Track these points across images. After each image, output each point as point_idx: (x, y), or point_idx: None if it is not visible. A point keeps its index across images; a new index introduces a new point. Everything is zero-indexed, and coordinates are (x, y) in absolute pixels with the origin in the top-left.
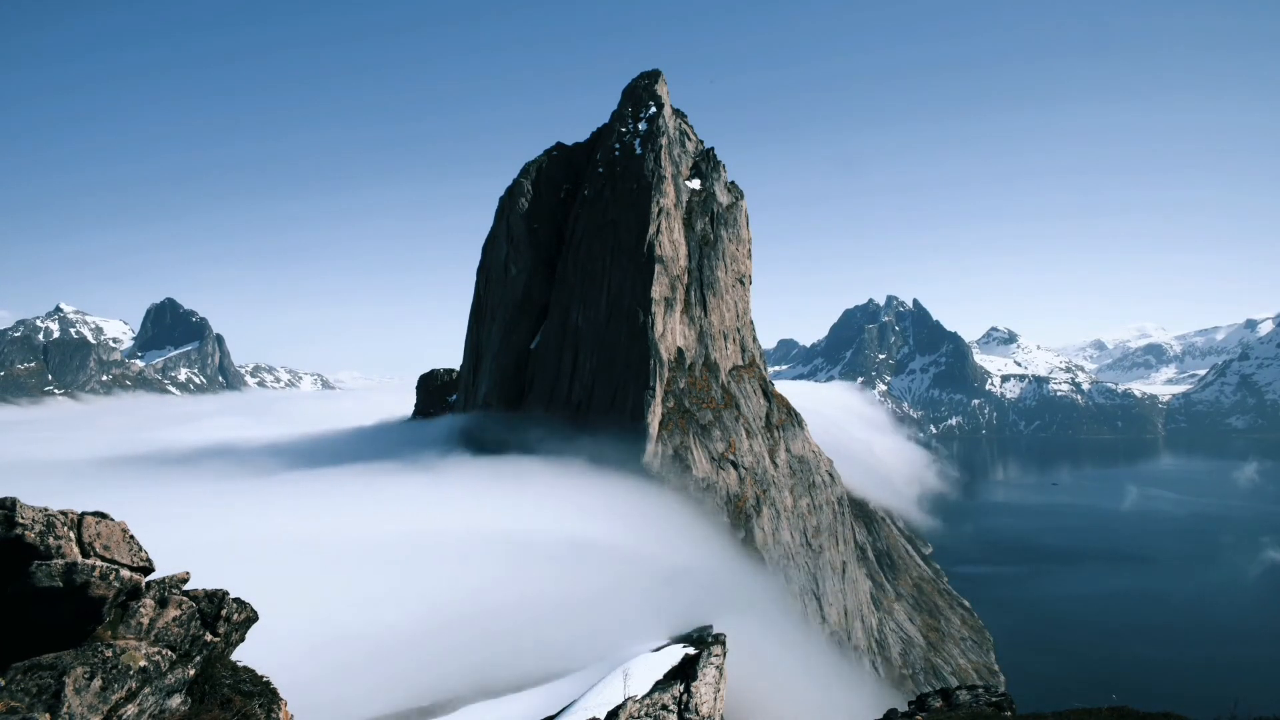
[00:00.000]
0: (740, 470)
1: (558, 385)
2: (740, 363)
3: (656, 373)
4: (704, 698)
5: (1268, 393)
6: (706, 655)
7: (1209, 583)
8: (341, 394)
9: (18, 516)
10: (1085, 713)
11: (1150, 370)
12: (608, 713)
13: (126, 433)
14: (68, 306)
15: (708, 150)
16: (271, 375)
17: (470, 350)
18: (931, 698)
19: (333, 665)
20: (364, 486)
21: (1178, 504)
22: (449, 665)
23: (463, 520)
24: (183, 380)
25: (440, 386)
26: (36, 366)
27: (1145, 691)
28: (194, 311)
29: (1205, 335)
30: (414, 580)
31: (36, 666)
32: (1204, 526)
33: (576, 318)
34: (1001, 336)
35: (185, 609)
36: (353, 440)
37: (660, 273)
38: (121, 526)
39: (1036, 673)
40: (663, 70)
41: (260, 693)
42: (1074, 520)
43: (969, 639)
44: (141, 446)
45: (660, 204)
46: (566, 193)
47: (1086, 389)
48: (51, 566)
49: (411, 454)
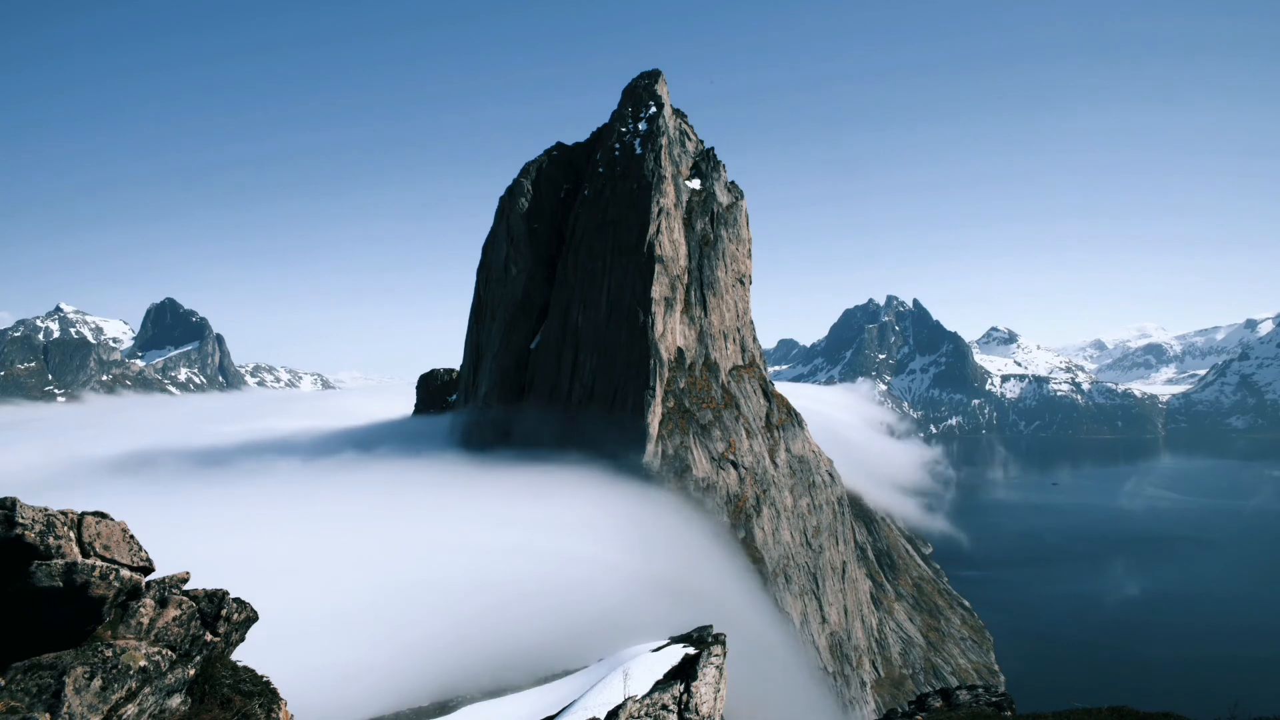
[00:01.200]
0: (740, 470)
1: (558, 385)
2: (740, 363)
3: (656, 373)
4: (704, 698)
5: (1268, 393)
6: (706, 655)
7: (1209, 582)
8: (341, 394)
9: (18, 516)
10: (1085, 713)
11: (1150, 370)
12: (608, 713)
13: (127, 433)
14: (68, 306)
15: (708, 150)
16: (271, 375)
17: (470, 350)
18: (931, 698)
19: (333, 665)
20: (363, 487)
21: (1178, 504)
22: (449, 665)
23: (462, 521)
24: (183, 380)
25: (440, 386)
26: (36, 366)
27: (1145, 691)
28: (194, 311)
29: (1205, 335)
30: (414, 580)
31: (37, 666)
32: (1204, 526)
33: (576, 317)
34: (1001, 336)
35: (185, 609)
36: (352, 440)
37: (660, 273)
38: (121, 526)
39: (1036, 673)
40: (663, 70)
41: (260, 693)
42: (1074, 520)
43: (969, 639)
44: (138, 446)
45: (660, 204)
46: (566, 193)
47: (1086, 389)
48: (51, 566)
49: (411, 454)
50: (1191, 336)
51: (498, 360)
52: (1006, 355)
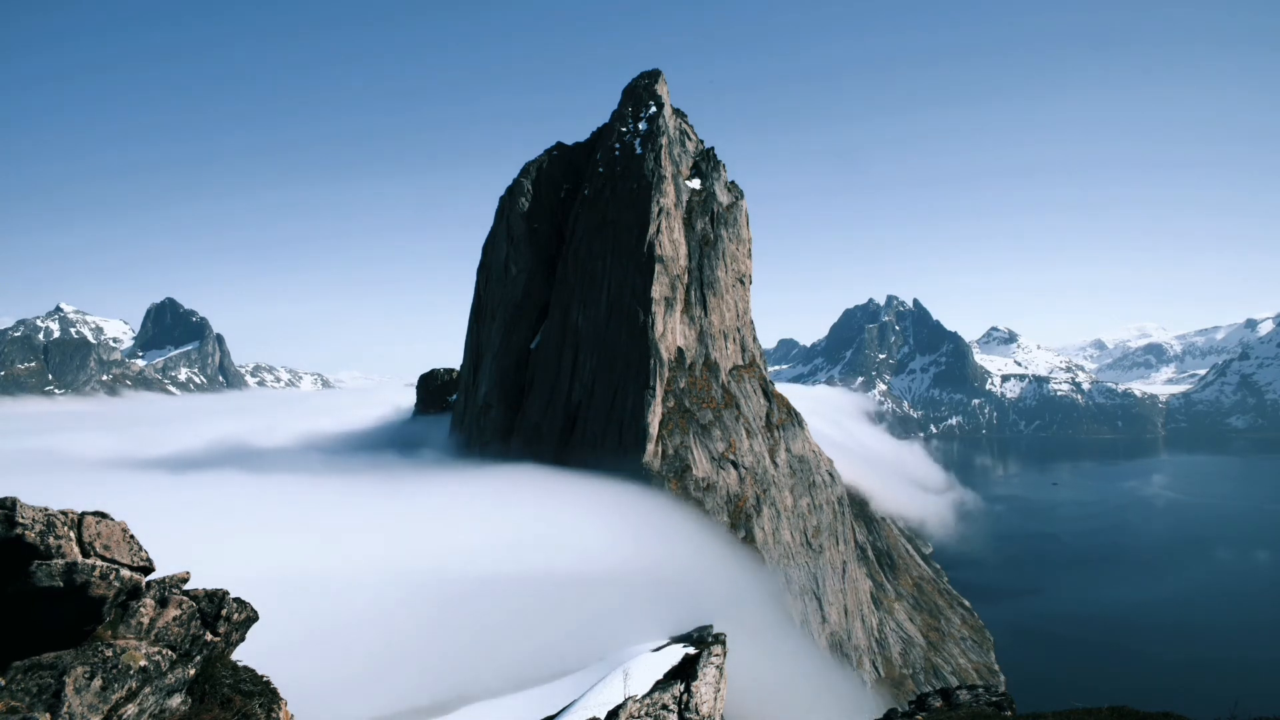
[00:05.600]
0: (740, 470)
1: (558, 385)
2: (740, 362)
3: (656, 372)
4: (704, 697)
5: (1268, 392)
6: (706, 655)
7: (1209, 582)
8: (342, 394)
9: (18, 516)
10: (1085, 713)
11: (1150, 370)
12: (608, 712)
13: (122, 432)
14: (68, 306)
15: (708, 150)
16: (271, 375)
17: (470, 350)
18: (931, 697)
19: (333, 665)
20: (362, 487)
21: (1178, 504)
22: (449, 665)
23: (462, 521)
24: (183, 380)
25: (440, 386)
26: (36, 366)
27: (1145, 691)
28: (194, 311)
29: (1205, 335)
30: (413, 581)
31: (37, 666)
32: (1204, 526)
33: (577, 317)
34: (1001, 336)
35: (185, 609)
36: (351, 440)
37: (660, 272)
38: (122, 526)
39: (1036, 673)
40: (662, 70)
41: (260, 693)
42: (1074, 520)
43: (969, 639)
44: (140, 445)
45: (660, 204)
46: (567, 192)
47: (1087, 389)
48: (52, 566)
49: (411, 454)
50: (1191, 336)
51: (498, 360)
52: (1006, 355)
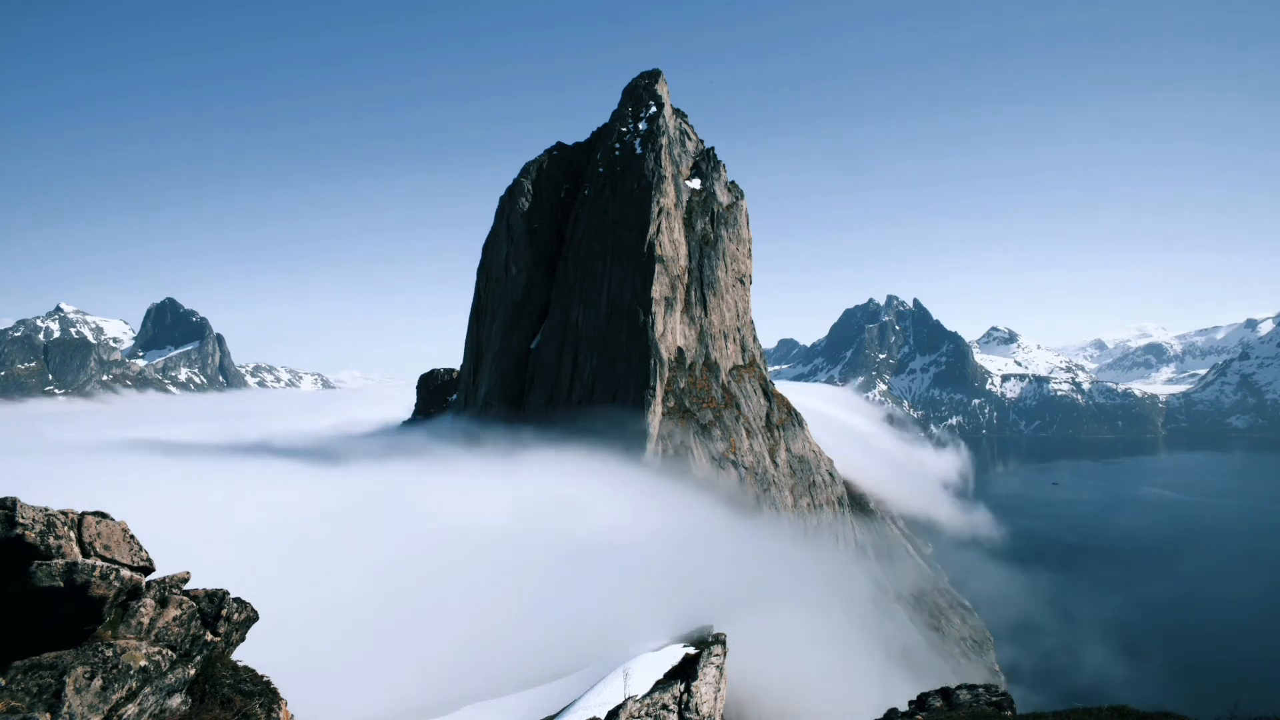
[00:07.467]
0: (740, 470)
1: (558, 385)
2: (740, 362)
3: (656, 372)
4: (704, 697)
5: (1268, 392)
6: (706, 655)
7: (1210, 582)
8: (342, 393)
9: (18, 516)
10: (1085, 712)
11: (1150, 370)
12: (608, 712)
13: (121, 430)
14: (68, 306)
15: (708, 150)
16: (272, 375)
17: (470, 350)
18: (931, 697)
19: (333, 665)
20: (361, 488)
21: (1178, 503)
22: (449, 665)
23: (462, 521)
24: (183, 380)
25: (440, 386)
26: (37, 366)
27: (1145, 691)
28: (194, 311)
29: (1205, 335)
30: (414, 580)
31: (37, 666)
32: (1204, 526)
33: (577, 317)
34: (1001, 336)
35: (185, 609)
36: (351, 440)
37: (660, 272)
38: (122, 526)
39: (1036, 673)
40: (662, 70)
41: (260, 693)
42: (1074, 520)
43: (969, 639)
44: (139, 444)
45: (660, 204)
46: (567, 192)
47: (1087, 389)
48: (52, 566)
49: (410, 454)
50: (1191, 336)
51: (498, 360)
52: (1006, 355)
